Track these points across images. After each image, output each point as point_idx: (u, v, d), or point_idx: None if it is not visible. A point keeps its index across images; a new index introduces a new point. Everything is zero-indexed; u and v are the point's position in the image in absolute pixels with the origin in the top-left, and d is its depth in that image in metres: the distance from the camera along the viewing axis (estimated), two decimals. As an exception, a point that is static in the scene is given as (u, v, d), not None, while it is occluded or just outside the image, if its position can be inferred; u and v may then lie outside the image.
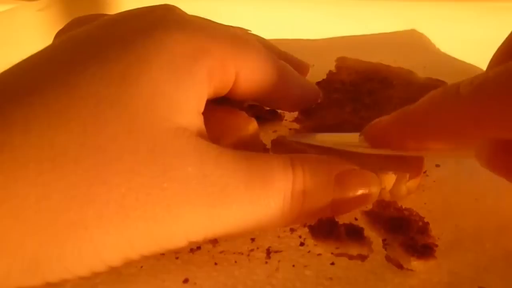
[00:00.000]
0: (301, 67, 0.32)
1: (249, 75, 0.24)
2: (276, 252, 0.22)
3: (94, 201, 0.17)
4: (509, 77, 0.18)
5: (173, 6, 0.24)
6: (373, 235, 0.23)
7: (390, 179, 0.25)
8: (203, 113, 0.22)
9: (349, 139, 0.26)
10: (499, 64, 0.20)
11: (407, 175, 0.25)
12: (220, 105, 0.26)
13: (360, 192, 0.22)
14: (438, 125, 0.21)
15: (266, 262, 0.22)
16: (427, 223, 0.23)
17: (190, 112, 0.20)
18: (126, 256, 0.18)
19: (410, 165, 0.26)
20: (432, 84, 0.35)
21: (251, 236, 0.23)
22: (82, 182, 0.17)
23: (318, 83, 0.37)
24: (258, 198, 0.20)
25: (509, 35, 0.23)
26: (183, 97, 0.20)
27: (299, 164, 0.21)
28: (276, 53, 0.28)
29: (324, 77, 0.38)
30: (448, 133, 0.21)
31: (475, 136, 0.21)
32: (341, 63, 0.39)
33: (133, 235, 0.18)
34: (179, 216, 0.18)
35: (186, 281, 0.21)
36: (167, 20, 0.22)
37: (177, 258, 0.22)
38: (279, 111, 0.35)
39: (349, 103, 0.33)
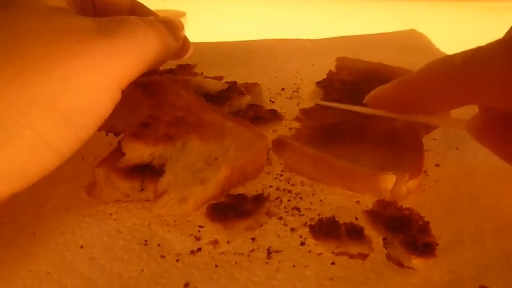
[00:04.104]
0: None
1: None
2: (276, 252, 0.22)
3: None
4: (500, 49, 0.19)
5: None
6: (374, 234, 0.23)
7: (390, 179, 0.25)
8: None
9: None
10: None
11: (407, 175, 0.25)
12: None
13: None
14: (432, 91, 0.23)
15: (267, 263, 0.22)
16: (428, 222, 0.23)
17: None
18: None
19: (410, 165, 0.26)
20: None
21: (252, 236, 0.23)
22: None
23: (318, 83, 0.37)
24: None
25: None
26: None
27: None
28: None
29: (324, 76, 0.38)
30: (441, 99, 0.23)
31: (465, 102, 0.22)
32: (341, 63, 0.39)
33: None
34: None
35: (186, 285, 0.21)
36: None
37: (177, 260, 0.22)
38: (279, 111, 0.35)
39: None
